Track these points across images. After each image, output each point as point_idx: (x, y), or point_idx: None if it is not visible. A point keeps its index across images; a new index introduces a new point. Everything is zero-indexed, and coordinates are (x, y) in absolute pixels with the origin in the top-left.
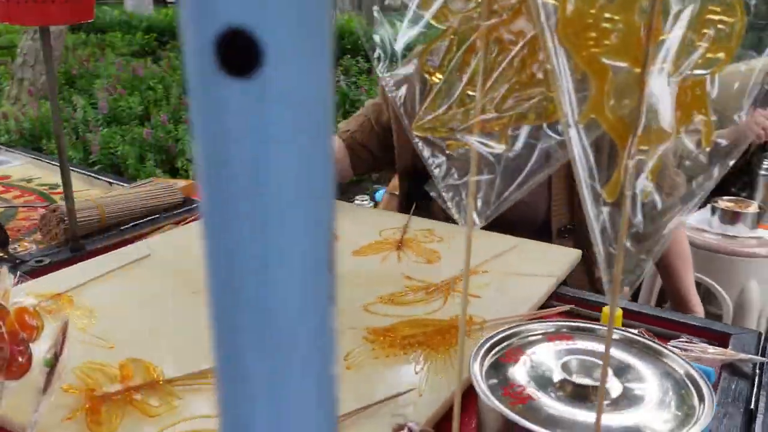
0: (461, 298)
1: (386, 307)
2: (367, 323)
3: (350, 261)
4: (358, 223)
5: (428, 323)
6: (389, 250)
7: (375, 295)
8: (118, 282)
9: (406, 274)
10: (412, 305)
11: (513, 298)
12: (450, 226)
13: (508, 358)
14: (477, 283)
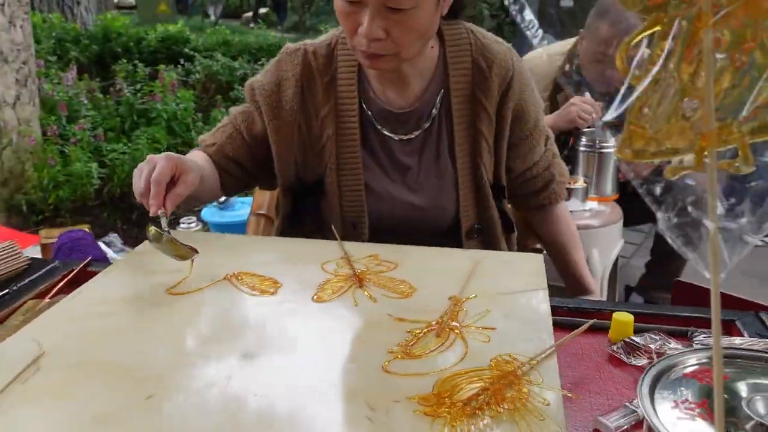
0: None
1: (406, 363)
2: (405, 390)
3: (318, 311)
4: (289, 261)
5: (476, 375)
6: (350, 289)
7: (382, 350)
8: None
9: (392, 315)
10: (431, 354)
11: (525, 321)
12: (390, 248)
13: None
14: (476, 312)
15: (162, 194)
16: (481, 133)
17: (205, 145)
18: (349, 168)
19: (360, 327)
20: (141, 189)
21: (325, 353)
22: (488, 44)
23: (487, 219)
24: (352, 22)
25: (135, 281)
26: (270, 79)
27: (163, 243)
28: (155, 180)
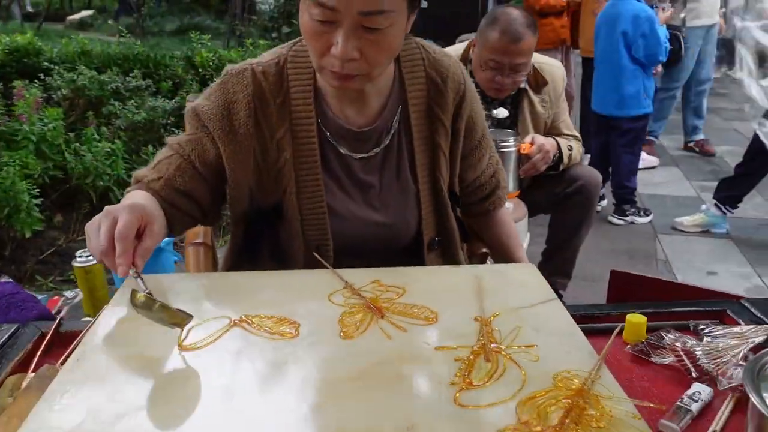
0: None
1: (472, 394)
2: (490, 421)
3: (353, 349)
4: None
5: (552, 397)
6: (372, 321)
7: (442, 382)
8: None
9: (429, 344)
10: (494, 381)
11: (558, 334)
12: (386, 271)
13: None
14: (507, 330)
15: (130, 251)
16: (439, 147)
17: (148, 180)
18: (310, 191)
19: (405, 361)
20: (103, 247)
21: (389, 393)
22: (439, 58)
23: (447, 230)
24: (323, 43)
25: (137, 340)
26: (217, 102)
27: (155, 311)
28: (120, 236)
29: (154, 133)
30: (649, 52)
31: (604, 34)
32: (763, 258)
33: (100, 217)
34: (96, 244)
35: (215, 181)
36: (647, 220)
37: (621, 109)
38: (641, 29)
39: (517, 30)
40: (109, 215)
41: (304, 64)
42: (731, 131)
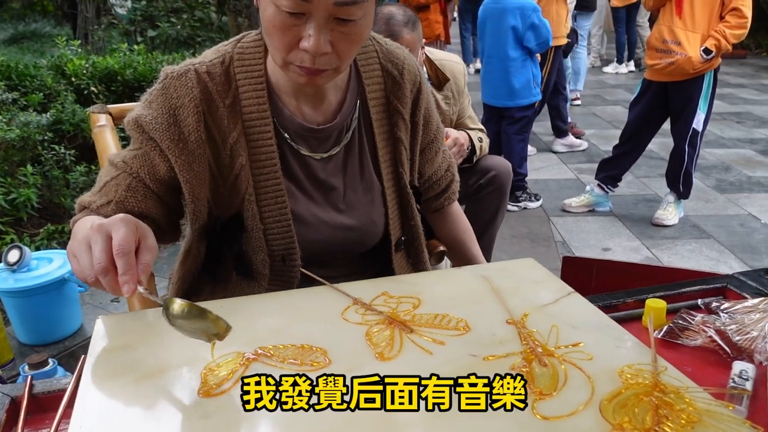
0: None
1: (550, 403)
2: (588, 430)
3: (397, 370)
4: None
5: (632, 394)
6: (401, 337)
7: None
8: None
9: (476, 355)
10: (561, 389)
11: (596, 328)
12: (391, 281)
13: None
14: (544, 330)
15: (134, 267)
16: (400, 141)
17: (96, 206)
18: (271, 197)
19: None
20: (102, 265)
21: (462, 413)
22: (392, 50)
23: (412, 228)
24: (291, 37)
25: (146, 398)
26: (160, 110)
27: (196, 320)
28: (122, 251)
29: (29, 152)
30: (540, 40)
31: (490, 29)
32: (647, 231)
33: (88, 234)
34: (88, 263)
35: (169, 197)
36: (538, 204)
37: (513, 99)
38: (529, 21)
39: (395, 29)
40: (101, 230)
41: (253, 61)
42: (591, 116)
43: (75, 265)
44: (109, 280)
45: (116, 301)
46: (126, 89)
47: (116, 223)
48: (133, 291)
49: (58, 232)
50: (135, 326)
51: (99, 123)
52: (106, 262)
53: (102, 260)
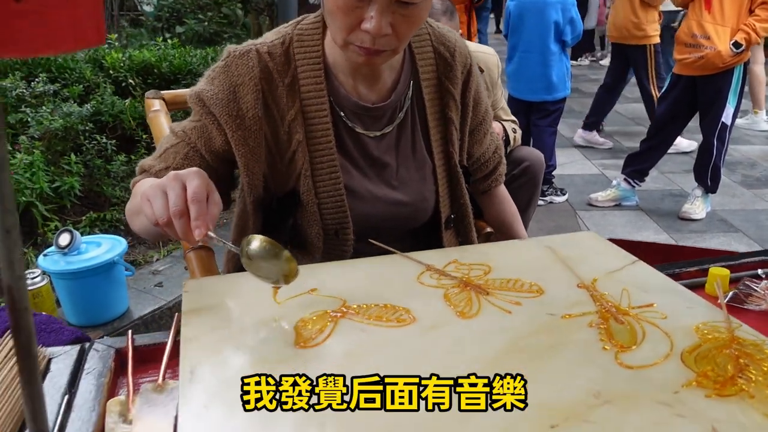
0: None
1: (632, 355)
2: (674, 378)
3: (484, 327)
4: (379, 283)
5: (712, 346)
6: (478, 298)
7: (592, 348)
8: None
9: (553, 314)
10: (642, 343)
11: (666, 291)
12: (460, 250)
13: None
14: (615, 293)
15: (206, 214)
16: (451, 121)
17: (155, 170)
18: (326, 173)
19: (542, 333)
20: (178, 208)
21: (551, 364)
22: (444, 33)
23: (461, 207)
24: (354, 18)
25: (238, 343)
26: (221, 86)
27: (273, 259)
28: (195, 198)
29: (72, 141)
30: (575, 33)
31: (530, 23)
32: (674, 225)
33: (164, 182)
34: (162, 206)
35: (223, 169)
36: (564, 198)
37: (550, 93)
38: (569, 15)
39: (432, 17)
40: (176, 179)
41: (311, 42)
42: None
43: (148, 208)
44: (183, 224)
45: (159, 286)
46: (162, 82)
47: (191, 173)
48: (203, 235)
49: (99, 219)
50: (220, 288)
51: (154, 108)
52: (182, 206)
53: (178, 204)
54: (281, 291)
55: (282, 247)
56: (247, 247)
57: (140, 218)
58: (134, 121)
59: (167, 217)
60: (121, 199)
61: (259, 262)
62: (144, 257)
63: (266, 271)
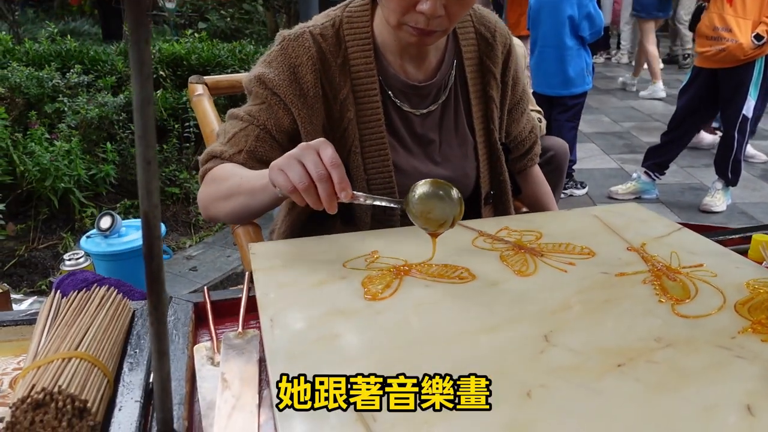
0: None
1: (686, 307)
2: (729, 325)
3: (540, 284)
4: (431, 249)
5: (764, 297)
6: (535, 261)
7: (648, 302)
8: None
9: (607, 272)
10: (698, 296)
11: (713, 254)
12: (510, 219)
13: None
14: (664, 255)
15: (346, 178)
16: (492, 99)
17: (228, 155)
18: (375, 149)
19: (597, 289)
20: (322, 173)
21: (612, 315)
22: (484, 14)
23: (500, 183)
24: (408, 0)
25: (312, 296)
26: (280, 68)
27: (437, 201)
28: (334, 163)
29: (106, 131)
30: (594, 29)
31: (546, 18)
32: (696, 218)
33: (297, 152)
34: (300, 173)
35: (290, 147)
36: (584, 192)
37: (567, 88)
38: (585, 10)
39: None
40: (309, 148)
41: (360, 24)
42: (630, 108)
43: (282, 177)
44: (327, 187)
45: (194, 270)
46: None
47: (321, 143)
48: (350, 196)
49: (133, 207)
50: (284, 250)
51: (197, 92)
52: (324, 170)
53: (321, 168)
54: (343, 253)
55: (452, 186)
56: (422, 189)
57: (235, 199)
58: (165, 112)
59: (308, 181)
60: None
61: (435, 202)
62: (177, 243)
63: (439, 212)
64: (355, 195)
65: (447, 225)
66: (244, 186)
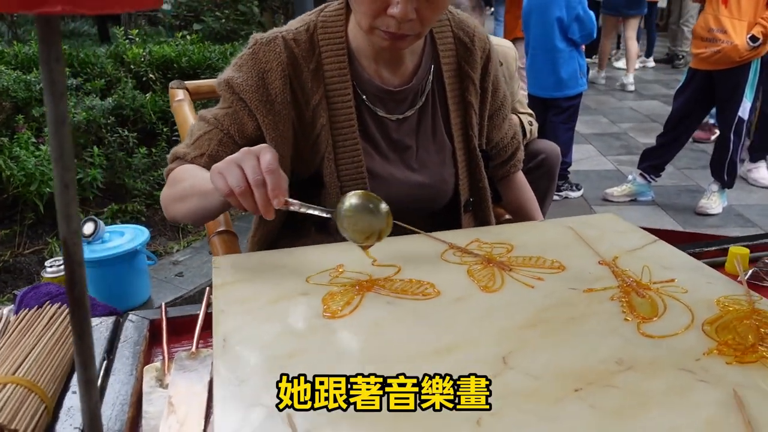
0: None
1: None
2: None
3: (508, 300)
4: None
5: (733, 317)
6: (500, 275)
7: (615, 319)
8: None
9: (576, 288)
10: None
11: (687, 269)
12: (481, 230)
13: None
14: (636, 269)
15: (281, 185)
16: (471, 105)
17: (190, 157)
18: (348, 156)
19: (564, 306)
20: (258, 177)
21: (574, 334)
22: (463, 18)
23: (480, 191)
24: (379, 3)
25: (268, 314)
26: (249, 73)
27: (367, 214)
28: (270, 169)
29: (94, 134)
30: (585, 32)
31: (536, 20)
32: (691, 220)
33: (239, 156)
34: (238, 177)
35: None
36: (579, 194)
37: (560, 90)
38: (575, 12)
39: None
40: (250, 153)
41: (335, 28)
42: (628, 109)
43: (221, 180)
44: (263, 193)
45: (180, 276)
46: (182, 76)
47: (263, 148)
48: (282, 203)
49: (121, 211)
50: (248, 265)
51: (178, 98)
52: (261, 175)
53: (258, 174)
54: (308, 267)
55: (381, 199)
56: (349, 201)
57: (189, 201)
58: (155, 115)
59: (245, 185)
60: (141, 191)
61: (362, 215)
62: (164, 248)
63: (365, 225)
64: (289, 202)
65: (374, 238)
66: (197, 188)
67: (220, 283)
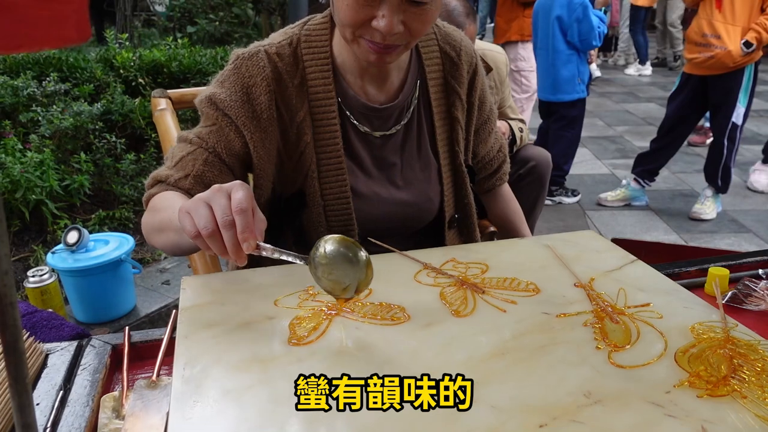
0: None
1: (625, 355)
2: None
3: (477, 326)
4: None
5: (706, 347)
6: (473, 297)
7: (586, 347)
8: None
9: (549, 313)
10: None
11: (663, 292)
12: (458, 249)
13: None
14: (611, 293)
15: (253, 225)
16: (457, 120)
17: (173, 180)
18: (332, 174)
19: (536, 332)
20: (228, 218)
21: (543, 364)
22: (449, 32)
23: (465, 207)
24: (364, 15)
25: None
26: (233, 88)
27: (346, 265)
28: (241, 209)
29: (82, 140)
30: (583, 37)
31: (541, 20)
32: (684, 225)
33: (208, 194)
34: (206, 217)
35: (241, 171)
36: (575, 200)
37: (555, 93)
38: (575, 14)
39: (458, 20)
40: (221, 191)
41: (319, 43)
42: (624, 113)
43: (188, 221)
44: (231, 235)
45: (167, 284)
46: (172, 81)
47: (235, 185)
48: (253, 247)
49: (108, 217)
50: (218, 286)
51: (160, 107)
52: (231, 216)
53: (228, 214)
54: (279, 287)
55: (361, 247)
56: (324, 247)
57: (166, 235)
58: (144, 120)
59: (213, 227)
60: (129, 197)
61: (338, 264)
62: (152, 255)
63: (341, 274)
64: (261, 246)
65: (351, 290)
66: (174, 222)
67: (189, 306)
